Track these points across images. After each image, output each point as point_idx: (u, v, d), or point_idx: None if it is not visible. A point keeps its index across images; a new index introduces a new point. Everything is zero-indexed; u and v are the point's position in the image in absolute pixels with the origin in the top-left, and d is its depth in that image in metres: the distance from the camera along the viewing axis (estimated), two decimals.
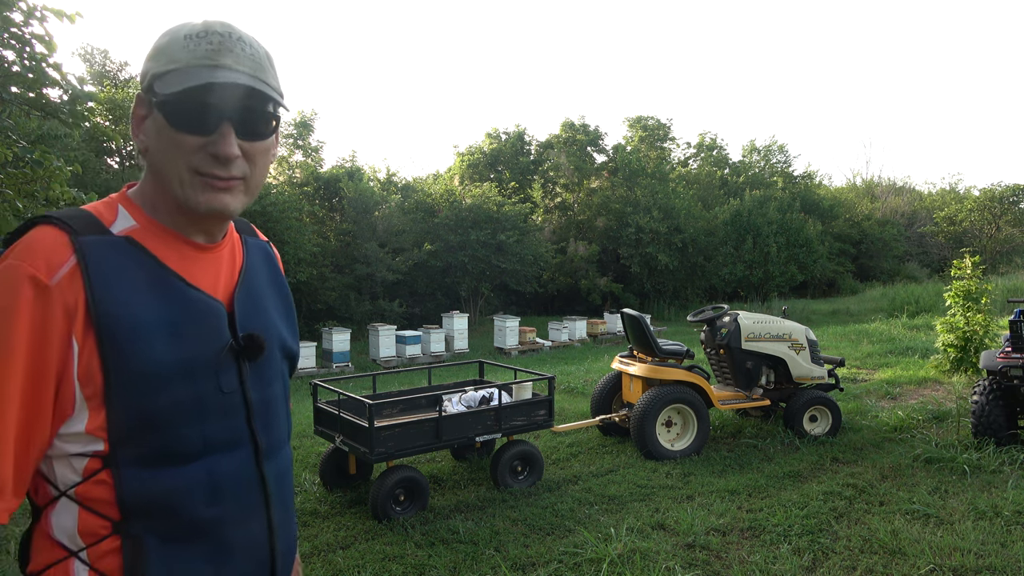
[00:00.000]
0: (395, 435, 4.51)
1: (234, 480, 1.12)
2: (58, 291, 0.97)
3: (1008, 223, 29.08)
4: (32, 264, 0.97)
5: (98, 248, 1.02)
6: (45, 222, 1.02)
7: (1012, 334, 5.69)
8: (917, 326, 13.90)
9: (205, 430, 1.09)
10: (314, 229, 19.55)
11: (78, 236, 1.01)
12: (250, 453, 1.16)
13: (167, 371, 1.04)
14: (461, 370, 11.03)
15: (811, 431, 6.09)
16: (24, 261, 0.97)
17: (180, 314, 1.06)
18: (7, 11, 3.44)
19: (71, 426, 1.01)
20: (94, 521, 1.03)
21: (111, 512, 1.03)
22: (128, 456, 1.02)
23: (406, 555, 3.95)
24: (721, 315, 6.37)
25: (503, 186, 24.88)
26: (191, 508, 1.07)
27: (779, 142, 41.74)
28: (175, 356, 1.05)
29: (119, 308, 1.01)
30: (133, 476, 1.03)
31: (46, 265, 0.97)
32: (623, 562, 3.75)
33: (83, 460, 1.02)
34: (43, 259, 0.98)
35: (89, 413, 1.00)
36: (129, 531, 1.03)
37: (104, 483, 1.03)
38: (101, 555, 1.03)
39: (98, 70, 19.72)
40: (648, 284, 23.59)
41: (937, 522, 4.25)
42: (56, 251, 0.99)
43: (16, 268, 0.96)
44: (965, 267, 8.94)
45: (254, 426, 1.16)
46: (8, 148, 3.61)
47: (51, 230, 1.01)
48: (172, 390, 1.04)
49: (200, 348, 1.08)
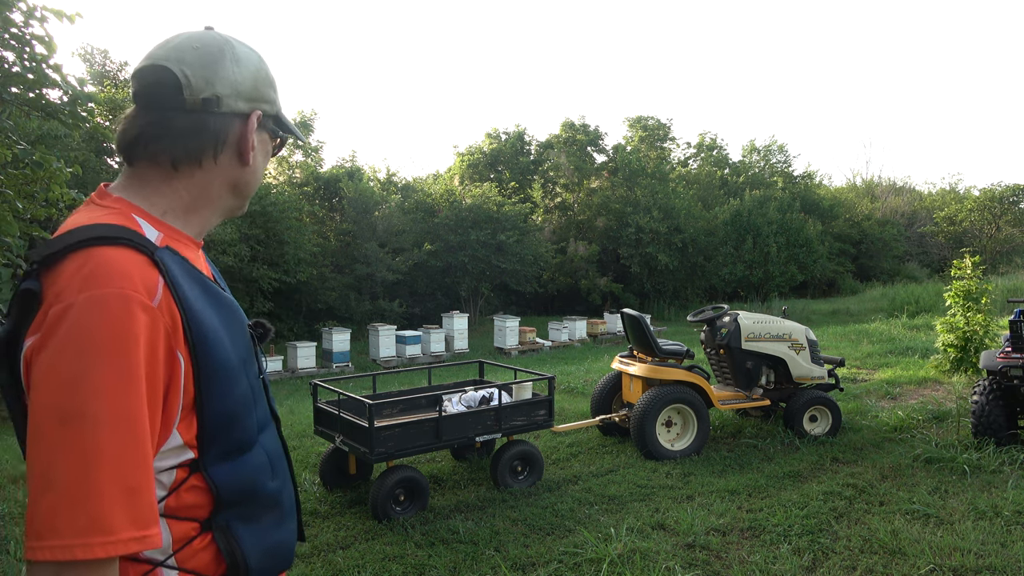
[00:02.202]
0: (395, 435, 4.51)
1: (277, 453, 1.26)
2: (159, 312, 1.01)
3: (1008, 223, 29.08)
4: (135, 289, 0.98)
5: (171, 264, 1.07)
6: (116, 243, 1.02)
7: (1012, 334, 5.69)
8: (917, 326, 13.90)
9: (257, 414, 1.20)
10: (314, 229, 19.55)
11: (154, 254, 1.05)
12: (275, 427, 1.30)
13: (235, 368, 1.12)
14: (461, 370, 11.03)
15: (811, 431, 6.09)
16: (128, 288, 0.98)
17: (226, 315, 1.15)
18: (7, 11, 3.44)
19: (170, 442, 1.06)
20: (183, 527, 1.09)
21: (199, 513, 1.10)
22: (214, 456, 1.10)
23: (406, 555, 3.95)
24: (721, 315, 6.37)
25: (503, 186, 24.88)
26: (264, 485, 1.19)
27: (779, 142, 41.73)
28: (236, 355, 1.13)
29: (201, 317, 1.07)
30: (222, 473, 1.11)
31: (146, 289, 1.00)
32: (623, 562, 3.75)
33: (171, 474, 1.07)
34: (141, 283, 1.00)
35: (186, 424, 1.07)
36: (218, 524, 1.12)
37: (196, 488, 1.09)
38: (191, 555, 1.10)
39: (98, 70, 19.72)
40: (648, 284, 23.59)
41: (937, 522, 4.25)
42: (147, 273, 1.02)
43: (129, 297, 0.97)
44: (965, 267, 8.94)
45: (272, 403, 1.31)
46: (8, 149, 3.60)
47: (130, 252, 1.02)
48: (240, 384, 1.13)
49: (242, 342, 1.18)
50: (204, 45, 1.14)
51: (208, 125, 1.14)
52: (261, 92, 1.19)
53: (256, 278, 16.44)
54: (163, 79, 1.11)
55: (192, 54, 1.13)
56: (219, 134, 1.15)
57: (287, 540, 1.24)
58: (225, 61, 1.15)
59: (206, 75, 1.12)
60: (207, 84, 1.12)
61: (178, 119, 1.12)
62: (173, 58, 1.12)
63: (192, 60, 1.12)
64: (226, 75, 1.14)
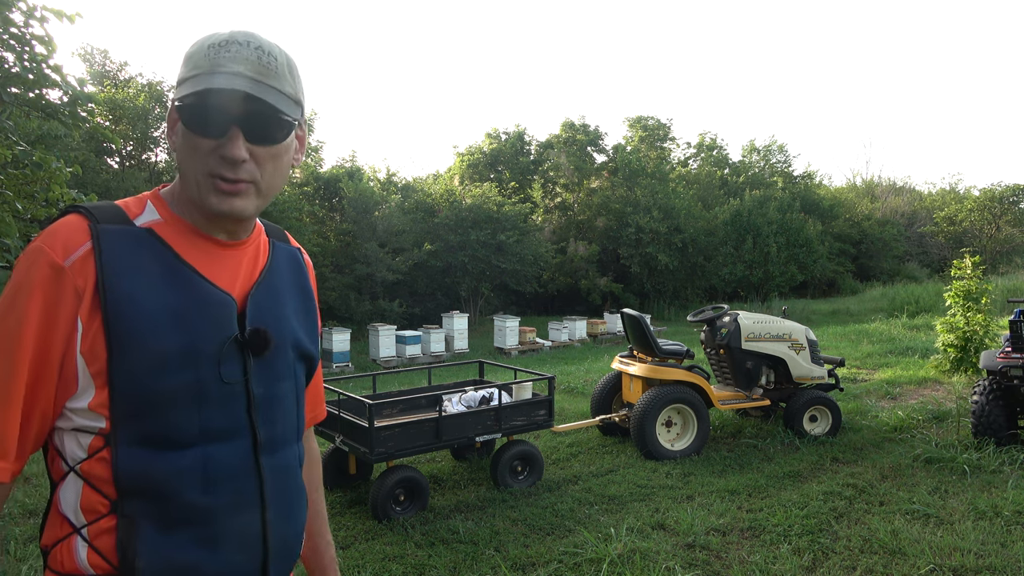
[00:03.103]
0: (395, 435, 4.51)
1: (230, 470, 1.14)
2: (70, 272, 1.06)
3: (1008, 223, 29.07)
4: (51, 247, 1.06)
5: (115, 236, 1.10)
6: (74, 210, 1.12)
7: (1012, 334, 5.69)
8: (917, 326, 13.90)
9: (203, 417, 1.12)
10: (314, 229, 19.55)
11: (97, 224, 1.09)
12: (248, 445, 1.17)
13: (169, 356, 1.08)
14: (461, 370, 11.03)
15: (811, 431, 6.09)
16: (44, 244, 1.07)
17: (188, 303, 1.12)
18: (7, 11, 3.44)
19: (77, 401, 1.08)
20: (95, 498, 1.09)
21: (110, 491, 1.09)
22: (126, 436, 1.08)
23: (406, 555, 3.95)
24: (721, 315, 6.37)
25: (503, 186, 24.88)
26: (184, 493, 1.10)
27: (779, 142, 41.74)
28: (178, 342, 1.09)
29: (126, 292, 1.07)
30: (129, 456, 1.08)
31: (63, 248, 1.07)
32: (623, 562, 3.75)
33: (88, 437, 1.09)
34: (61, 242, 1.07)
35: (95, 391, 1.07)
36: (124, 511, 1.09)
37: (104, 460, 1.09)
38: (99, 533, 1.09)
39: (98, 70, 19.70)
40: (648, 284, 23.59)
41: (937, 522, 4.25)
42: (74, 236, 1.08)
43: (38, 250, 1.06)
44: (965, 267, 8.94)
45: (254, 418, 1.18)
46: (8, 149, 3.60)
47: (75, 217, 1.10)
48: (172, 374, 1.09)
49: (204, 337, 1.12)
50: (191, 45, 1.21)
51: None
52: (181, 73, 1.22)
53: None
54: None
55: None
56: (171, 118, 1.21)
57: (201, 567, 1.11)
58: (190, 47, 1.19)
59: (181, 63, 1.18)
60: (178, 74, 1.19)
61: None
62: None
63: None
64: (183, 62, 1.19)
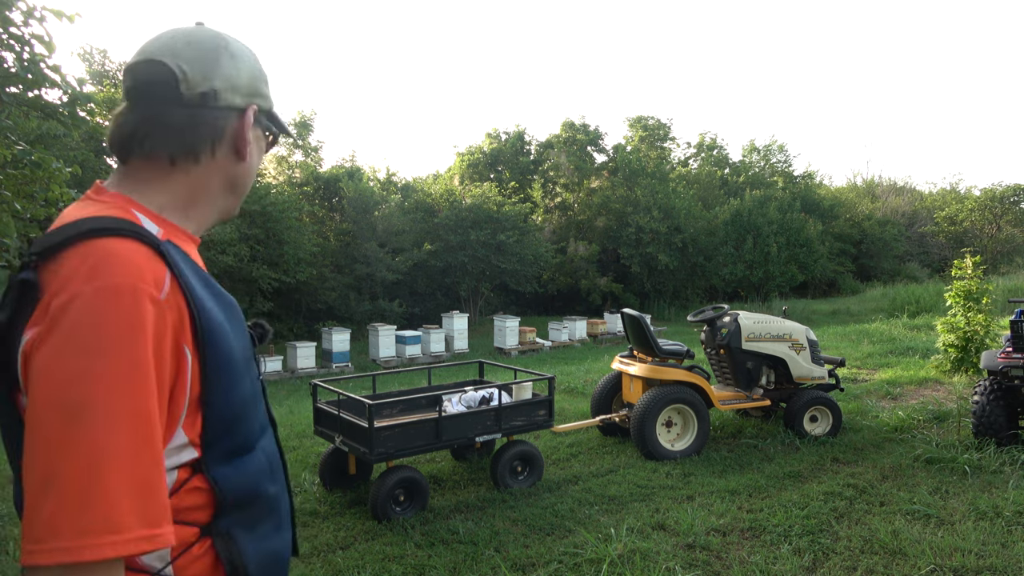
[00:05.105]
0: (395, 435, 4.51)
1: (275, 457, 1.23)
2: (166, 306, 0.97)
3: (1009, 223, 29.09)
4: (144, 281, 0.95)
5: (177, 258, 1.04)
6: (120, 235, 0.98)
7: (1013, 334, 5.68)
8: (917, 326, 13.89)
9: (258, 416, 1.18)
10: (314, 229, 19.55)
11: (160, 248, 1.01)
12: (272, 431, 1.27)
13: (240, 364, 1.09)
14: (461, 370, 11.02)
15: (811, 431, 6.09)
16: (136, 280, 0.94)
17: (228, 310, 1.11)
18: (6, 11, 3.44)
19: (175, 440, 1.02)
20: (182, 532, 1.04)
21: (199, 517, 1.06)
22: (216, 456, 1.07)
23: (406, 555, 3.94)
24: (721, 315, 6.36)
25: (503, 186, 24.89)
26: (265, 489, 1.15)
27: (779, 142, 41.79)
28: (240, 350, 1.10)
29: (208, 311, 1.04)
30: (224, 474, 1.07)
31: (154, 281, 0.97)
32: (623, 562, 3.75)
33: (173, 475, 1.03)
34: (151, 276, 0.97)
35: (190, 421, 1.03)
36: (219, 529, 1.07)
37: (197, 490, 1.05)
38: (190, 562, 1.05)
39: (98, 70, 19.71)
40: (648, 284, 23.59)
41: (938, 522, 4.25)
42: (155, 266, 0.98)
43: (134, 289, 0.93)
44: (966, 267, 8.93)
45: (268, 406, 1.27)
46: (7, 149, 3.60)
47: (137, 244, 0.99)
48: (243, 382, 1.10)
49: (244, 340, 1.15)
50: (198, 40, 1.13)
51: (205, 119, 1.12)
52: (256, 87, 1.19)
53: (256, 278, 16.43)
54: (158, 74, 1.09)
55: (187, 49, 1.11)
56: (216, 129, 1.14)
57: (283, 550, 1.20)
58: (221, 55, 1.14)
59: (203, 69, 1.11)
60: (204, 78, 1.11)
61: (175, 114, 1.10)
62: (168, 52, 1.10)
63: (187, 54, 1.11)
64: (222, 69, 1.13)
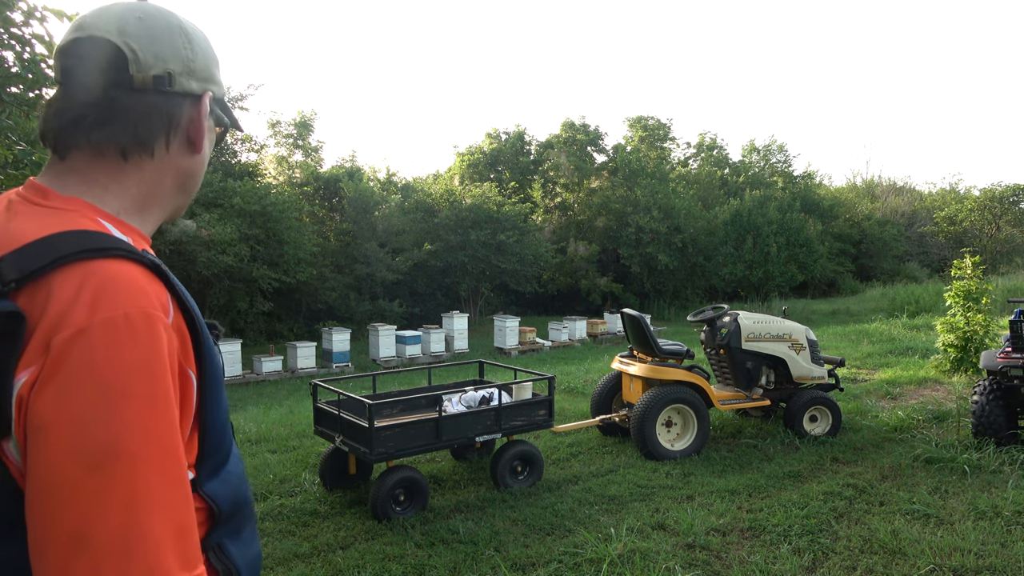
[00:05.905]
0: (395, 435, 4.51)
1: (238, 456, 1.14)
2: (175, 329, 0.90)
3: (1008, 223, 29.11)
4: (154, 308, 0.86)
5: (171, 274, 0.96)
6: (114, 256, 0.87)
7: (1012, 334, 5.68)
8: (917, 326, 13.89)
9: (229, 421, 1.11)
10: (314, 229, 19.55)
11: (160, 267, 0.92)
12: None
13: (221, 375, 1.02)
14: (461, 370, 11.03)
15: (811, 431, 6.09)
16: (148, 306, 0.86)
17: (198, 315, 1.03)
18: (7, 11, 3.44)
19: None
20: None
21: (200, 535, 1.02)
22: (207, 472, 0.99)
23: (406, 555, 3.94)
24: (721, 315, 6.36)
25: (503, 186, 24.90)
26: (245, 494, 1.08)
27: (779, 142, 41.70)
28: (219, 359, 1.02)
29: (203, 328, 0.95)
30: (215, 489, 1.00)
31: (162, 307, 0.88)
32: (623, 562, 3.75)
33: None
34: (156, 300, 0.88)
35: (190, 443, 0.95)
36: (210, 544, 0.99)
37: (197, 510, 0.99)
38: None
39: None
40: (648, 284, 23.61)
41: (937, 522, 4.25)
42: (158, 289, 0.89)
43: (153, 317, 0.85)
44: (965, 267, 8.94)
45: None
46: (8, 149, 3.60)
47: (134, 266, 0.89)
48: (223, 393, 1.02)
49: None
50: (149, 15, 0.99)
51: (159, 107, 0.98)
52: (210, 71, 1.05)
53: (256, 278, 16.44)
54: (103, 54, 0.95)
55: (137, 25, 0.97)
56: (171, 117, 1.00)
57: (259, 551, 1.14)
58: (174, 34, 1.00)
59: (155, 49, 0.97)
60: (156, 59, 0.97)
61: (125, 100, 0.96)
62: (114, 29, 0.95)
63: (137, 32, 0.96)
64: (177, 50, 0.99)
